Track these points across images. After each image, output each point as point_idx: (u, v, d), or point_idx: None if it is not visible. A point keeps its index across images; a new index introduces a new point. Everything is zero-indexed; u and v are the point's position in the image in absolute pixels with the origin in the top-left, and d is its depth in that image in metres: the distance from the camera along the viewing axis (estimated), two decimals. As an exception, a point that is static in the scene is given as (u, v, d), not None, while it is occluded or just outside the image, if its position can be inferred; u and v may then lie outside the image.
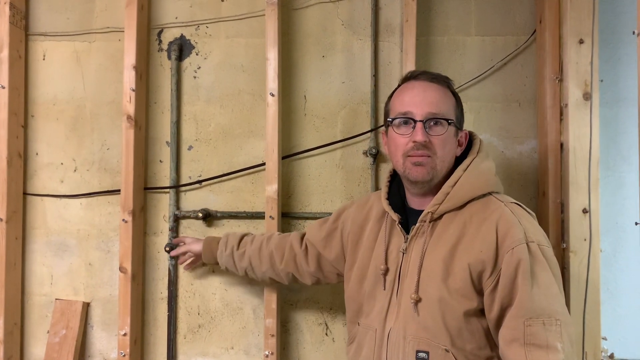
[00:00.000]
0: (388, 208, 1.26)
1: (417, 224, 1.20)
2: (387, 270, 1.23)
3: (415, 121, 1.17)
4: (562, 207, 1.59)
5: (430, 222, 1.18)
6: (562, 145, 1.61)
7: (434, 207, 1.18)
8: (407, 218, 1.25)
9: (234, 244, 1.56)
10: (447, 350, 1.11)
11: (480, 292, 1.12)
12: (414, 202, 1.26)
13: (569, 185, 1.56)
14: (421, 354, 1.13)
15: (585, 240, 1.54)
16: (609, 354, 1.67)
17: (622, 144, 1.72)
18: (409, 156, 1.18)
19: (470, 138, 1.27)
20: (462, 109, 1.25)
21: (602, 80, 1.68)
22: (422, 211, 1.20)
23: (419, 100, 1.18)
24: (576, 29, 1.57)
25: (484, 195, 1.19)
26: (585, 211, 1.55)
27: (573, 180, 1.56)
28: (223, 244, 1.57)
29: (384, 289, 1.23)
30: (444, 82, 1.22)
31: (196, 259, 1.69)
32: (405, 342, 1.15)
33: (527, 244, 1.09)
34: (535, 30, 1.71)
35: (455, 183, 1.18)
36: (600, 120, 1.57)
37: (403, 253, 1.21)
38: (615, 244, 1.72)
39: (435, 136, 1.17)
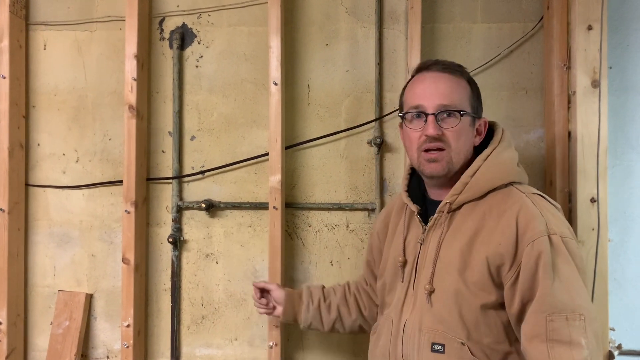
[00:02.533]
0: (407, 200, 1.25)
1: (435, 215, 1.18)
2: (405, 262, 1.22)
3: (426, 114, 1.14)
4: (570, 197, 1.57)
5: (448, 212, 1.16)
6: (569, 133, 1.58)
7: (453, 198, 1.15)
8: (427, 209, 1.23)
9: (320, 295, 1.47)
10: (462, 344, 1.09)
11: (499, 286, 1.09)
12: (433, 193, 1.24)
13: (577, 174, 1.53)
14: (437, 347, 1.11)
15: (593, 230, 1.52)
16: (616, 345, 1.65)
17: (631, 132, 1.69)
18: (423, 151, 1.16)
19: (492, 127, 1.24)
20: (479, 97, 1.21)
21: (610, 68, 1.65)
22: (441, 202, 1.18)
23: (430, 92, 1.16)
24: (585, 15, 1.54)
25: (505, 186, 1.15)
26: (593, 200, 1.53)
27: (581, 169, 1.53)
28: (308, 297, 1.46)
29: (402, 281, 1.22)
30: (456, 70, 1.19)
31: (278, 311, 1.51)
32: (420, 334, 1.13)
33: (549, 236, 1.05)
34: (542, 17, 1.68)
35: (475, 173, 1.15)
36: (609, 108, 1.55)
37: (421, 244, 1.20)
38: (623, 234, 1.70)
39: (448, 129, 1.14)
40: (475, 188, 1.15)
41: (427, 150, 1.16)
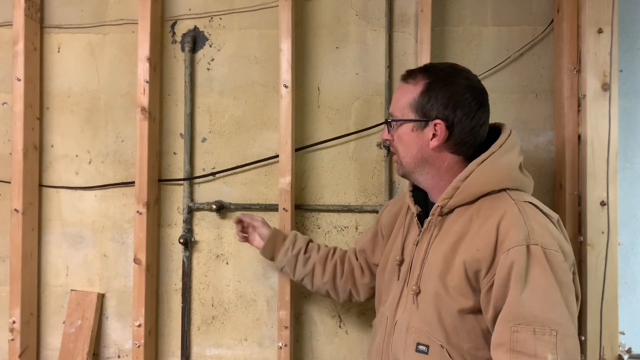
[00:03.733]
0: (410, 201, 1.27)
1: (429, 217, 1.19)
2: (401, 261, 1.25)
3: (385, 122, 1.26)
4: (580, 200, 1.57)
5: (440, 215, 1.17)
6: (579, 137, 1.58)
7: (444, 202, 1.16)
8: (428, 211, 1.24)
9: (302, 246, 1.51)
10: (442, 347, 1.10)
11: (477, 291, 1.09)
12: (432, 195, 1.25)
13: (587, 177, 1.54)
14: (421, 347, 1.12)
15: (603, 233, 1.52)
16: (626, 349, 1.65)
17: (642, 135, 1.69)
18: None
19: (500, 129, 1.22)
20: (433, 97, 1.16)
21: (621, 71, 1.65)
22: None
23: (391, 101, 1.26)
24: (595, 18, 1.54)
25: (498, 192, 1.14)
26: (603, 204, 1.53)
27: (591, 173, 1.53)
28: (291, 242, 1.52)
29: (398, 280, 1.24)
30: (417, 75, 1.19)
31: (252, 239, 1.58)
32: (407, 333, 1.15)
33: (527, 246, 1.03)
34: (552, 20, 1.68)
35: (467, 177, 1.14)
36: (619, 111, 1.55)
37: (416, 245, 1.22)
38: (633, 237, 1.69)
39: (393, 135, 1.23)
40: (466, 192, 1.14)
41: None
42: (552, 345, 0.98)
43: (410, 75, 1.21)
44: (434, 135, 1.16)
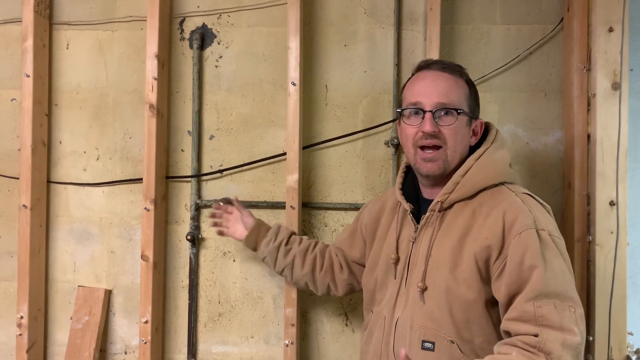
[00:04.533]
0: (401, 198, 1.27)
1: (427, 213, 1.20)
2: (397, 260, 1.24)
3: (424, 111, 1.16)
4: (589, 200, 1.56)
5: (439, 211, 1.18)
6: (589, 136, 1.58)
7: (444, 197, 1.17)
8: (420, 208, 1.25)
9: (284, 238, 1.53)
10: (452, 342, 1.10)
11: (487, 282, 1.10)
12: (426, 192, 1.26)
13: (596, 177, 1.53)
14: (427, 344, 1.12)
15: (612, 233, 1.52)
16: (634, 349, 1.64)
17: (652, 135, 1.67)
18: (419, 147, 1.18)
19: (487, 127, 1.25)
20: (476, 98, 1.23)
21: (631, 70, 1.64)
22: (433, 200, 1.20)
23: (429, 90, 1.18)
24: (605, 17, 1.53)
25: (495, 186, 1.17)
26: (612, 204, 1.52)
27: (600, 172, 1.53)
28: (273, 234, 1.54)
29: (394, 278, 1.24)
30: (456, 70, 1.21)
31: (234, 230, 1.61)
32: (411, 331, 1.15)
33: (537, 230, 1.06)
34: (562, 19, 1.67)
35: (466, 172, 1.16)
36: (629, 110, 1.54)
37: (413, 242, 1.22)
38: (642, 238, 1.68)
39: (445, 126, 1.16)
40: (466, 187, 1.16)
41: (422, 148, 1.18)
42: (574, 320, 1.01)
43: (453, 69, 1.21)
44: (474, 133, 1.22)
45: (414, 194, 1.28)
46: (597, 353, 1.50)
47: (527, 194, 1.15)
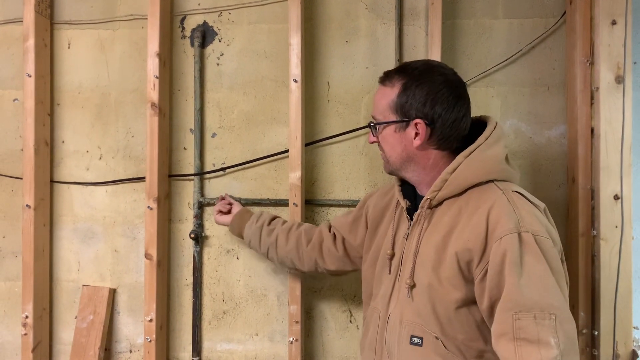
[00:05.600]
0: (399, 195, 1.28)
1: (418, 210, 1.20)
2: (392, 255, 1.25)
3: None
4: (593, 194, 1.56)
5: (429, 208, 1.18)
6: (592, 130, 1.57)
7: (433, 194, 1.17)
8: (417, 205, 1.25)
9: (266, 219, 1.57)
10: (437, 338, 1.11)
11: (470, 282, 1.10)
12: (420, 189, 1.26)
13: (600, 171, 1.52)
14: (415, 339, 1.13)
15: (616, 227, 1.51)
16: (640, 344, 1.64)
17: (656, 128, 1.67)
18: None
19: (485, 121, 1.22)
20: (411, 97, 1.16)
21: (635, 63, 1.63)
22: None
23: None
24: (608, 10, 1.52)
25: (485, 183, 1.16)
26: (616, 197, 1.51)
27: (604, 166, 1.52)
28: (255, 217, 1.59)
29: (389, 273, 1.25)
30: (391, 76, 1.21)
31: (220, 217, 1.66)
32: (401, 326, 1.16)
33: (519, 233, 1.04)
34: (565, 12, 1.66)
35: (455, 170, 1.15)
36: (633, 104, 1.53)
37: (406, 239, 1.23)
38: (647, 232, 1.68)
39: (377, 136, 1.24)
40: (454, 184, 1.15)
41: None
42: (553, 329, 1.00)
43: (387, 78, 1.22)
44: (416, 134, 1.18)
45: (412, 192, 1.29)
46: (603, 347, 1.50)
47: (516, 191, 1.13)
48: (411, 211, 1.24)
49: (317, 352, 1.76)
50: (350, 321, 1.75)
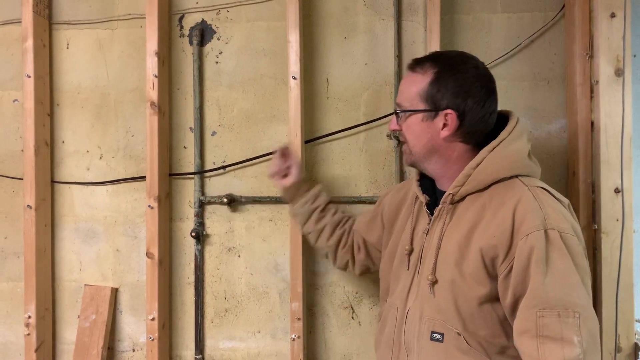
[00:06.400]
0: (417, 189, 1.26)
1: (439, 206, 1.19)
2: (411, 251, 1.24)
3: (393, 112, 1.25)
4: (593, 187, 1.55)
5: (451, 203, 1.17)
6: (592, 123, 1.57)
7: (455, 189, 1.16)
8: (436, 200, 1.24)
9: (321, 204, 1.54)
10: (459, 334, 1.10)
11: (494, 278, 1.09)
12: (440, 184, 1.25)
13: (600, 164, 1.52)
14: (436, 335, 1.12)
15: (617, 220, 1.51)
16: (642, 337, 1.63)
17: (656, 121, 1.66)
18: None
19: (507, 116, 1.21)
20: (443, 86, 1.15)
21: (634, 56, 1.63)
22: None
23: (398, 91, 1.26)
24: (607, 2, 1.52)
25: (509, 178, 1.14)
26: (617, 191, 1.51)
27: (604, 160, 1.52)
28: (312, 196, 1.54)
29: (408, 269, 1.24)
30: (422, 64, 1.19)
31: (284, 181, 1.55)
32: (421, 322, 1.15)
33: (545, 230, 1.04)
34: (563, 5, 1.66)
35: (478, 165, 1.14)
36: (633, 97, 1.52)
37: (426, 234, 1.21)
38: (648, 225, 1.67)
39: (402, 125, 1.22)
40: (478, 180, 1.14)
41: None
42: (576, 327, 0.99)
43: (418, 64, 1.20)
44: (444, 125, 1.16)
45: (430, 186, 1.27)
46: (605, 341, 1.49)
47: (541, 187, 1.13)
48: (430, 206, 1.23)
49: (319, 349, 1.76)
50: (352, 318, 1.75)
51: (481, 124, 1.17)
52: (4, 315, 1.85)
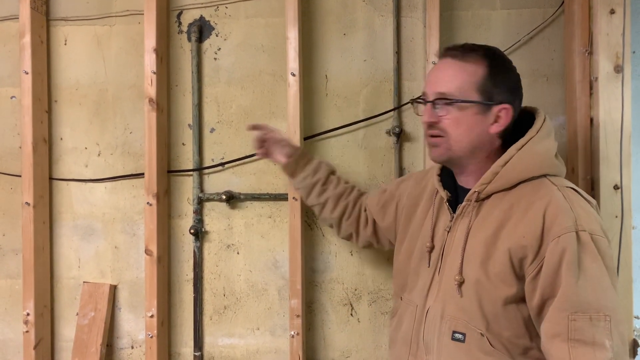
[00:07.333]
0: (438, 185, 1.24)
1: (464, 203, 1.16)
2: (432, 248, 1.21)
3: (425, 102, 1.16)
4: (593, 184, 1.55)
5: (476, 201, 1.14)
6: (592, 120, 1.56)
7: (482, 187, 1.13)
8: (458, 196, 1.22)
9: (322, 178, 1.52)
10: (482, 335, 1.08)
11: (521, 279, 1.07)
12: (462, 180, 1.22)
13: (600, 161, 1.52)
14: (458, 335, 1.10)
15: (616, 217, 1.51)
16: (641, 333, 1.64)
17: (655, 118, 1.66)
18: (427, 136, 1.19)
19: (533, 113, 1.19)
20: (500, 80, 1.13)
21: (634, 52, 1.63)
22: (470, 190, 1.16)
23: (432, 80, 1.17)
24: (607, -1, 1.51)
25: (537, 177, 1.12)
26: (616, 187, 1.51)
27: (604, 156, 1.51)
28: (312, 170, 1.53)
29: (428, 266, 1.21)
30: (471, 53, 1.14)
31: (272, 153, 1.55)
32: (442, 321, 1.13)
33: (577, 232, 1.02)
34: (563, 2, 1.65)
35: (507, 163, 1.12)
36: (632, 93, 1.52)
37: (448, 231, 1.19)
38: (647, 221, 1.68)
39: (444, 117, 1.14)
40: (505, 178, 1.12)
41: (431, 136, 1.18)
42: (608, 330, 0.98)
43: (465, 53, 1.14)
44: (495, 121, 1.13)
45: (451, 182, 1.24)
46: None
47: (570, 187, 1.11)
48: (452, 203, 1.21)
49: (318, 345, 1.76)
50: (352, 314, 1.75)
51: (513, 122, 1.16)
52: (2, 312, 1.85)
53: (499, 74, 1.13)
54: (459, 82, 1.12)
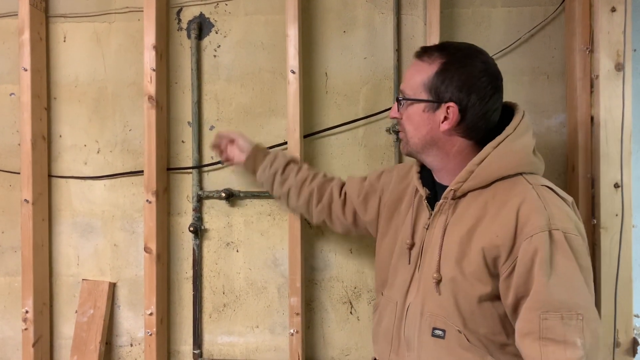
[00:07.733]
0: (417, 182, 1.24)
1: (440, 201, 1.17)
2: (412, 245, 1.22)
3: (397, 100, 1.21)
4: (593, 182, 1.55)
5: (452, 199, 1.15)
6: (592, 118, 1.56)
7: (457, 185, 1.13)
8: (437, 194, 1.22)
9: (279, 167, 1.52)
10: (459, 332, 1.09)
11: (495, 277, 1.08)
12: (440, 177, 1.22)
13: (600, 159, 1.52)
14: (437, 332, 1.11)
15: (617, 215, 1.51)
16: (641, 332, 1.64)
17: (656, 116, 1.66)
18: None
19: (513, 109, 1.19)
20: (449, 78, 1.12)
21: (635, 50, 1.62)
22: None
23: (403, 78, 1.25)
24: (608, -3, 1.51)
25: (513, 175, 1.12)
26: (617, 186, 1.51)
27: (604, 154, 1.51)
28: (269, 161, 1.53)
29: (408, 263, 1.22)
30: (431, 53, 1.16)
31: (232, 155, 1.60)
32: (422, 318, 1.14)
33: (549, 231, 1.02)
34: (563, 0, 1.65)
35: (482, 161, 1.12)
36: (633, 91, 1.52)
37: (427, 229, 1.20)
38: (647, 220, 1.67)
39: (402, 114, 1.20)
40: (481, 176, 1.12)
41: None
42: (579, 329, 0.99)
43: (425, 53, 1.17)
44: (445, 118, 1.14)
45: (430, 179, 1.25)
46: (604, 336, 1.49)
47: (546, 186, 1.11)
48: (430, 200, 1.21)
49: (318, 343, 1.76)
50: (351, 313, 1.75)
51: (483, 120, 1.14)
52: (1, 310, 1.85)
53: (448, 72, 1.13)
54: (413, 81, 1.17)
